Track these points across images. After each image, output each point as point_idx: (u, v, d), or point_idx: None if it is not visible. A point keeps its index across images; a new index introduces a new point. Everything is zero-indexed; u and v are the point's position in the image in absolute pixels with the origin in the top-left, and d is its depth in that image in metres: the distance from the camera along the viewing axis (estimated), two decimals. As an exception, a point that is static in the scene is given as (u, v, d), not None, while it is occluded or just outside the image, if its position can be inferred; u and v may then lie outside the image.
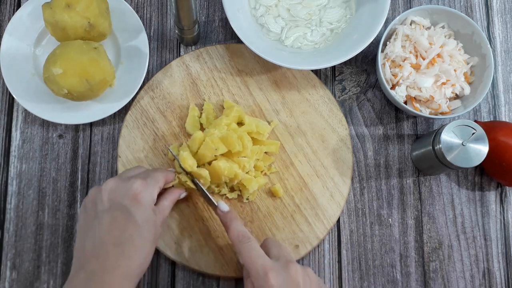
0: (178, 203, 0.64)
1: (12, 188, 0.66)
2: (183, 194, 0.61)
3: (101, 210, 0.51)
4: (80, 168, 0.67)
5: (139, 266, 0.50)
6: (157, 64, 0.71)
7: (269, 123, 0.68)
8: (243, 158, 0.62)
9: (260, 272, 0.50)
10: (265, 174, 0.66)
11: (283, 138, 0.68)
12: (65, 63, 0.59)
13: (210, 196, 0.60)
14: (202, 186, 0.61)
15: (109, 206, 0.51)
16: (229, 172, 0.61)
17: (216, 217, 0.64)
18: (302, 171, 0.67)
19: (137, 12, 0.71)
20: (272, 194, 0.66)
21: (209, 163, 0.62)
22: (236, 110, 0.65)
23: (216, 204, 0.59)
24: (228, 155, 0.62)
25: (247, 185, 0.63)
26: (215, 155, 0.61)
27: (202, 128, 0.67)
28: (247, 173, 0.64)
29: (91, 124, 0.68)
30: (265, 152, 0.66)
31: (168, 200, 0.57)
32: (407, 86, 0.66)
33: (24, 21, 0.68)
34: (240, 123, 0.66)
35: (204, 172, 0.60)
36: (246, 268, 0.53)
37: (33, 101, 0.66)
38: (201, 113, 0.67)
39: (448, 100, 0.68)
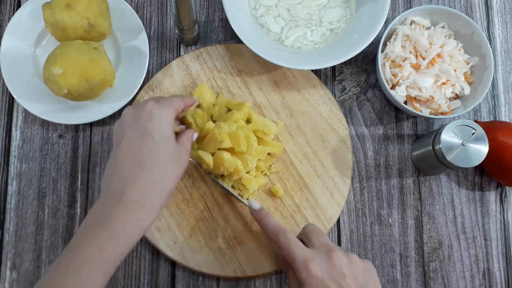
0: (178, 202, 0.64)
1: (12, 188, 0.66)
2: (196, 135, 0.60)
3: (121, 136, 0.52)
4: (80, 168, 0.67)
5: (159, 180, 0.50)
6: (157, 64, 0.71)
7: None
8: (247, 156, 0.62)
9: (301, 263, 0.49)
10: (265, 174, 0.66)
11: (283, 138, 0.68)
12: (65, 63, 0.59)
13: (238, 196, 0.61)
14: (227, 187, 0.62)
15: (129, 127, 0.53)
16: (229, 165, 0.61)
17: (216, 217, 0.64)
18: (302, 171, 0.67)
19: (137, 12, 0.71)
20: (272, 194, 0.66)
21: (212, 154, 0.62)
22: (247, 106, 0.65)
23: (247, 204, 0.59)
24: (231, 150, 0.63)
25: (247, 185, 0.63)
26: (218, 148, 0.62)
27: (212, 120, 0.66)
28: (247, 172, 0.64)
29: (91, 124, 0.68)
30: (268, 153, 0.66)
31: (186, 137, 0.57)
32: (407, 86, 0.66)
33: (24, 21, 0.68)
34: (247, 121, 0.66)
35: (208, 158, 0.61)
36: (287, 261, 0.52)
37: (33, 101, 0.66)
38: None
39: (448, 100, 0.68)
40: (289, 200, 0.66)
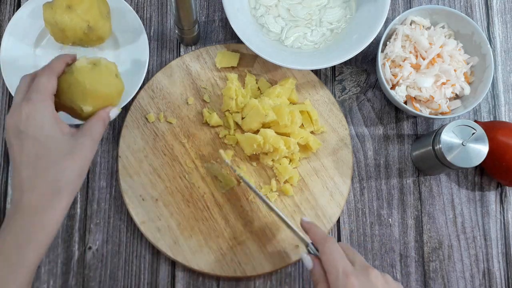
0: (178, 202, 0.64)
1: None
2: (113, 112, 0.56)
3: (9, 147, 0.51)
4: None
5: (53, 180, 0.49)
6: (157, 64, 0.71)
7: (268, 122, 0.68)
8: (290, 138, 0.64)
9: (341, 274, 0.50)
10: (296, 167, 0.66)
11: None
12: (96, 101, 0.55)
13: (268, 201, 0.60)
14: (259, 193, 0.61)
15: (11, 138, 0.50)
16: (274, 141, 0.62)
17: (216, 217, 0.64)
18: (302, 171, 0.67)
19: (137, 12, 0.71)
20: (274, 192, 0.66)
21: (255, 132, 0.64)
22: (291, 82, 0.67)
23: (275, 209, 0.59)
24: (275, 128, 0.64)
25: (283, 172, 0.64)
26: (263, 123, 0.63)
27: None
28: (284, 157, 0.65)
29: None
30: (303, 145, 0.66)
31: (91, 123, 0.54)
32: (407, 86, 0.66)
33: (24, 21, 0.68)
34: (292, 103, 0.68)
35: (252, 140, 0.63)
36: (325, 268, 0.51)
37: (33, 101, 0.65)
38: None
39: (448, 100, 0.68)
40: (289, 200, 0.66)
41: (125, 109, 0.67)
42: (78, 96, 0.53)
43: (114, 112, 0.56)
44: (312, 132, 0.67)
